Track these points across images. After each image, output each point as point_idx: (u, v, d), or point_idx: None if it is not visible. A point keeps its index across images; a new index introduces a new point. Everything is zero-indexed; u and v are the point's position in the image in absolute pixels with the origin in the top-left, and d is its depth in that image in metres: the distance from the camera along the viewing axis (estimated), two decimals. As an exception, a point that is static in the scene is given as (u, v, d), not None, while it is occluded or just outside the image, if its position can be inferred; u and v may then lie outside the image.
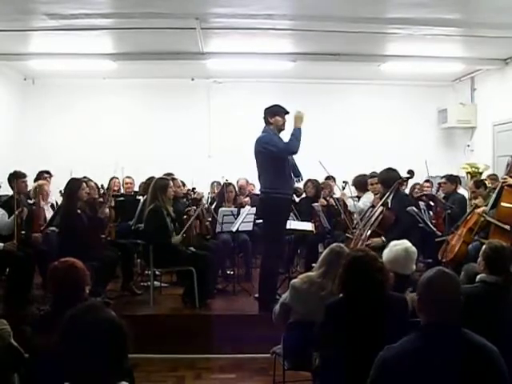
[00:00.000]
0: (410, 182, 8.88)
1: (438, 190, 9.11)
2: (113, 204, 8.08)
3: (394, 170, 6.94)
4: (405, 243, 4.78)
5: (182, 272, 7.13)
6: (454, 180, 8.88)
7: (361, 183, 8.45)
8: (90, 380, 2.16)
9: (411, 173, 7.15)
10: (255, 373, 5.92)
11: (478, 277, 4.12)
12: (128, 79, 11.48)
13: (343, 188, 8.64)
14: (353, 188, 8.62)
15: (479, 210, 7.07)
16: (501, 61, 10.36)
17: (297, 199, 9.11)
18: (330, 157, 10.54)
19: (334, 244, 4.84)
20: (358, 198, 8.45)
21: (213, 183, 10.12)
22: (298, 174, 6.95)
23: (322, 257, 4.72)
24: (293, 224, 7.45)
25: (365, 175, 8.44)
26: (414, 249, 4.76)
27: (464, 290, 3.41)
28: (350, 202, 8.29)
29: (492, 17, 7.68)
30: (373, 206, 7.15)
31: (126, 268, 7.74)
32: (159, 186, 7.19)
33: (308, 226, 7.77)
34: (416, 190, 9.21)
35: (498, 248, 4.24)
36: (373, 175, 7.88)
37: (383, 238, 6.32)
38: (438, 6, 7.38)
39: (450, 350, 2.66)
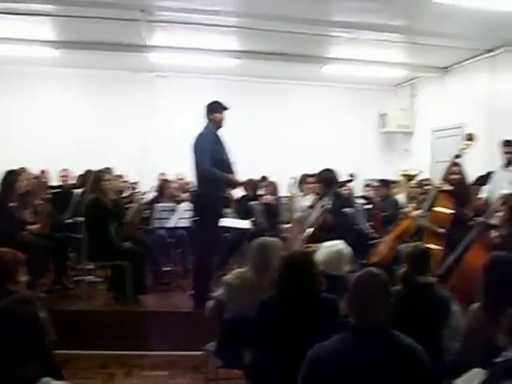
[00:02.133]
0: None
1: (375, 193, 9.23)
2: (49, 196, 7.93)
3: (333, 171, 6.99)
4: (337, 245, 4.84)
5: (117, 267, 7.01)
6: (386, 184, 9.04)
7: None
8: (6, 376, 2.09)
9: (352, 176, 7.22)
10: (188, 370, 5.87)
11: (401, 278, 4.23)
12: (70, 68, 11.25)
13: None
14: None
15: (414, 214, 7.23)
16: (441, 69, 10.58)
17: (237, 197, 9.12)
18: (273, 156, 10.63)
19: (260, 238, 4.83)
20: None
21: (160, 174, 10.00)
22: (231, 173, 6.96)
23: (250, 252, 4.73)
24: (229, 222, 7.44)
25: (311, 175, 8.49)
26: (346, 250, 4.82)
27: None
28: (299, 202, 8.31)
29: (434, 26, 7.83)
30: (311, 207, 7.19)
31: (58, 262, 7.58)
32: (94, 179, 7.13)
33: (244, 223, 7.76)
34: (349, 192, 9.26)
35: (420, 251, 4.38)
36: (311, 175, 7.93)
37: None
38: (383, 12, 7.47)
39: (377, 350, 2.71)
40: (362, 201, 9.34)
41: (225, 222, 7.18)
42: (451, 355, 4.01)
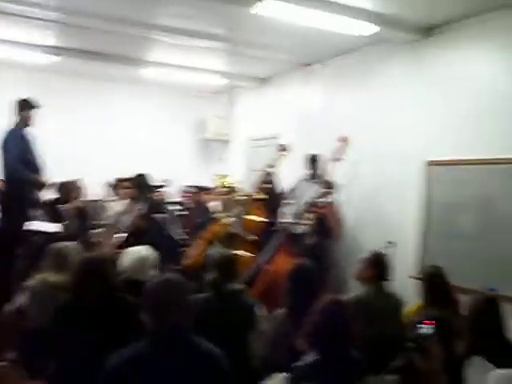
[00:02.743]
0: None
1: (190, 199, 9.29)
2: None
3: (148, 176, 6.96)
4: (140, 250, 4.83)
5: None
6: (201, 190, 9.16)
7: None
8: None
9: (166, 181, 7.21)
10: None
11: (210, 285, 4.29)
12: None
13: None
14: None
15: (226, 221, 7.36)
16: (259, 79, 10.83)
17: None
18: (89, 158, 10.33)
19: (57, 243, 4.75)
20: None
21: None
22: (39, 173, 6.74)
23: (47, 257, 4.62)
24: (37, 225, 7.15)
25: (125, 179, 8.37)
26: (152, 255, 4.81)
27: (197, 297, 3.54)
28: (113, 206, 8.14)
29: (254, 36, 7.99)
30: (124, 211, 7.09)
31: None
32: None
33: (53, 227, 7.48)
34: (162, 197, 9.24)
35: (228, 258, 4.49)
36: (126, 179, 7.83)
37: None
38: (204, 20, 7.50)
39: (176, 357, 2.71)
40: (177, 206, 9.34)
41: (33, 224, 6.88)
42: (258, 360, 4.13)
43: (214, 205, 8.89)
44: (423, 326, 2.26)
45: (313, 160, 7.94)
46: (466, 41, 6.66)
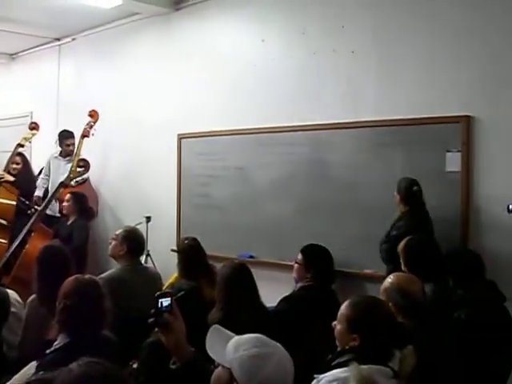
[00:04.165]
0: None
1: None
2: None
3: None
4: None
5: None
6: None
7: None
8: None
9: None
10: None
11: None
12: None
13: None
14: None
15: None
16: (8, 55, 10.29)
17: None
18: None
19: None
20: None
21: None
22: None
23: None
24: None
25: None
26: None
27: None
28: None
29: (1, 10, 7.55)
30: None
31: None
32: None
33: None
34: None
35: None
36: None
37: None
38: None
39: None
40: None
41: None
42: (13, 351, 3.95)
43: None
44: (163, 299, 2.26)
45: (62, 137, 7.72)
46: (213, 13, 6.80)
